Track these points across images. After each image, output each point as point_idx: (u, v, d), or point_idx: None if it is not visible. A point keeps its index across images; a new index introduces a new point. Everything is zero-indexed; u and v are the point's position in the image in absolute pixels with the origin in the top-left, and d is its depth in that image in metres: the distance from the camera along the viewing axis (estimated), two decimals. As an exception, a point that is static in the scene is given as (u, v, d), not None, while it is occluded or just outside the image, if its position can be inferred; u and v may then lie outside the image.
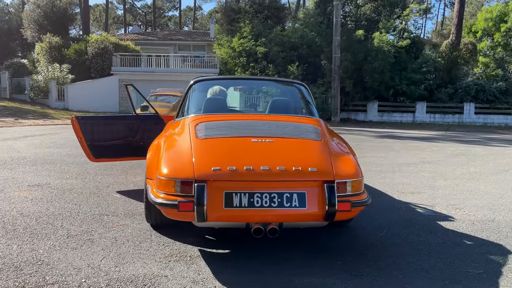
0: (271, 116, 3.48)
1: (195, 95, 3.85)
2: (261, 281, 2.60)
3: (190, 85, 3.94)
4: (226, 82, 4.37)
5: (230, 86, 4.35)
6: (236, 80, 4.54)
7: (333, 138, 3.42)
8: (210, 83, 4.19)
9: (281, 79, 4.40)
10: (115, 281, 2.54)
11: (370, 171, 6.65)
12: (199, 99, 3.81)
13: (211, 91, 4.20)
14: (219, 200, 2.70)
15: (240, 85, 4.37)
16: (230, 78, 4.46)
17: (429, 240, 3.44)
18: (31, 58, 25.87)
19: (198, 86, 3.96)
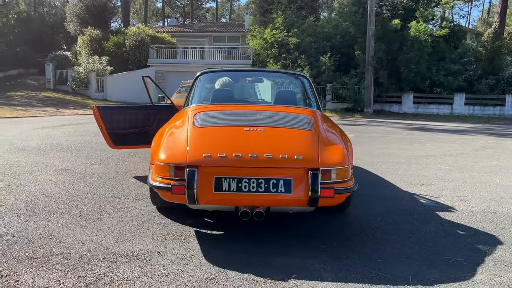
0: (267, 106, 3.64)
1: (199, 86, 4.06)
2: (246, 260, 2.79)
3: (196, 77, 4.16)
4: (230, 74, 4.55)
5: (235, 77, 4.52)
6: (240, 72, 4.70)
7: (327, 128, 3.54)
8: (215, 75, 4.39)
9: (285, 71, 4.53)
10: (112, 255, 2.81)
11: (387, 162, 6.66)
12: (203, 90, 4.03)
13: (220, 82, 4.41)
14: (210, 184, 2.91)
15: (246, 77, 4.53)
16: (235, 70, 4.63)
17: (421, 229, 3.51)
18: (73, 51, 27.07)
19: (203, 78, 4.17)
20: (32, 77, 28.26)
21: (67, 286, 2.39)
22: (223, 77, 4.44)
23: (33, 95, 21.58)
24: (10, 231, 3.16)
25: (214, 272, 2.60)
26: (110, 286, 2.40)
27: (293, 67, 21.73)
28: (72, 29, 27.80)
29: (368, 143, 9.22)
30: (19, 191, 4.30)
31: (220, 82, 4.39)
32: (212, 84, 4.24)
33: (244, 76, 4.51)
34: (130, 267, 2.64)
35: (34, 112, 15.25)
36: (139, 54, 24.10)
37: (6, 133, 9.15)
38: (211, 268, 2.66)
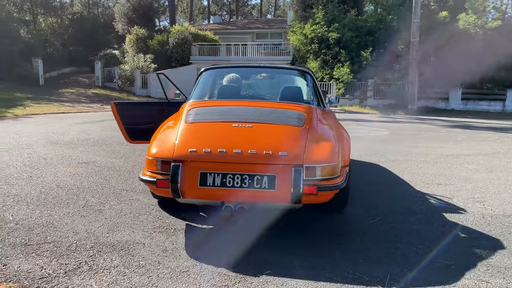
0: (262, 102, 3.63)
1: (201, 82, 4.12)
2: (225, 254, 2.82)
3: (200, 73, 4.22)
4: (234, 70, 4.57)
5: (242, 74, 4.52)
6: (243, 68, 4.70)
7: (321, 125, 3.47)
8: (218, 71, 4.42)
9: (289, 67, 4.46)
10: (99, 244, 2.94)
11: (410, 161, 6.43)
12: (204, 86, 4.08)
13: (226, 78, 4.44)
14: (195, 179, 2.96)
15: (250, 73, 4.52)
16: (238, 66, 4.64)
17: (420, 230, 3.37)
18: (121, 49, 28.21)
19: (206, 74, 4.22)
20: (83, 75, 29.76)
21: (47, 272, 2.52)
22: (231, 74, 4.47)
23: (82, 92, 22.73)
24: (15, 219, 3.38)
25: (189, 265, 2.65)
26: (87, 273, 2.51)
27: (333, 62, 21.41)
28: (120, 28, 28.96)
29: (399, 141, 8.92)
30: (38, 182, 4.58)
31: (227, 78, 4.43)
32: (215, 80, 4.29)
33: (248, 73, 4.51)
34: (111, 256, 2.75)
35: (80, 108, 16.08)
36: (182, 51, 24.69)
37: (48, 128, 9.73)
38: (188, 261, 2.71)
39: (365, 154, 6.90)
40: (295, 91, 3.87)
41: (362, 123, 13.25)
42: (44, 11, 32.60)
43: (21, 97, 18.43)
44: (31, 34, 27.45)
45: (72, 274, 2.50)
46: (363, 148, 7.63)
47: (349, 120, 14.12)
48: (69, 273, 2.51)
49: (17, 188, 4.31)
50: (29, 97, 18.52)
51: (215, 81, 4.31)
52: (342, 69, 20.80)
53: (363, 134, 9.90)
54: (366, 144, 8.20)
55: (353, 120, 14.44)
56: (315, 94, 4.09)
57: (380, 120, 14.62)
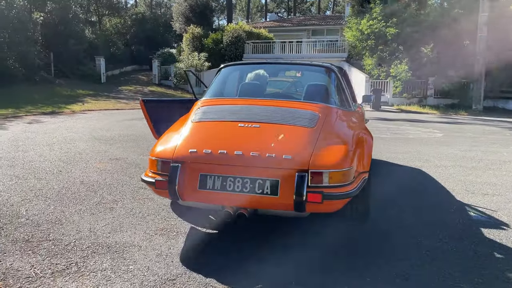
0: (275, 101, 3.38)
1: (218, 79, 3.95)
2: (219, 263, 2.64)
3: (218, 69, 4.07)
4: (253, 67, 4.34)
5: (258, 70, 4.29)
6: (264, 65, 4.45)
7: (337, 126, 3.16)
8: (237, 68, 4.22)
9: (312, 63, 4.14)
10: (96, 245, 2.87)
11: (459, 166, 5.85)
12: (219, 83, 3.91)
13: (251, 75, 4.24)
14: (195, 181, 2.80)
15: (271, 70, 4.26)
16: (259, 63, 4.40)
17: (445, 246, 2.97)
18: (178, 48, 28.94)
19: (223, 71, 4.05)
20: (143, 73, 30.89)
21: (35, 271, 2.48)
22: (258, 70, 4.24)
23: (140, 89, 23.58)
24: (28, 214, 3.43)
25: (178, 273, 2.50)
26: (73, 276, 2.44)
27: (391, 59, 20.44)
28: (178, 27, 29.70)
29: (452, 144, 8.22)
30: (64, 177, 4.67)
31: (250, 75, 4.22)
32: (234, 77, 4.10)
33: (269, 69, 4.27)
34: (103, 258, 2.66)
35: (133, 105, 16.62)
36: (235, 49, 24.81)
37: (97, 124, 10.10)
38: (178, 269, 2.55)
39: (408, 158, 6.40)
40: (313, 89, 3.58)
41: (416, 123, 12.46)
42: (109, 12, 34.25)
43: (82, 94, 19.47)
44: (95, 34, 28.96)
45: (58, 276, 2.43)
46: (409, 151, 7.10)
47: (403, 120, 13.36)
48: (56, 274, 2.45)
49: (43, 182, 4.41)
50: (89, 94, 19.50)
51: (234, 78, 4.12)
52: (399, 66, 19.78)
53: (413, 136, 9.26)
54: (413, 147, 7.63)
55: (407, 120, 13.63)
56: (339, 93, 3.77)
57: (437, 121, 13.68)
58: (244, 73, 4.20)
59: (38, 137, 7.58)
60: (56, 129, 8.90)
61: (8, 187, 4.19)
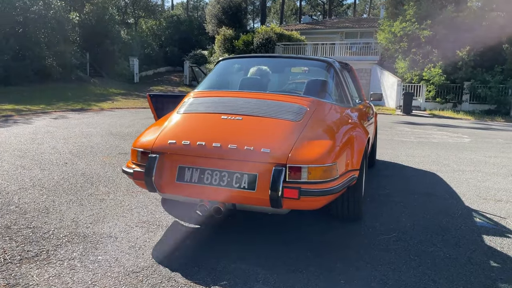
0: (263, 94, 3.26)
1: (213, 72, 3.88)
2: (189, 258, 2.55)
3: (216, 62, 4.00)
4: (251, 61, 4.23)
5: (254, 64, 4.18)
6: (261, 59, 4.33)
7: (326, 121, 3.01)
8: (234, 61, 4.13)
9: (311, 57, 4.01)
10: (73, 234, 2.85)
11: (477, 172, 5.52)
12: (214, 76, 3.84)
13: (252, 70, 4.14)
14: (173, 173, 2.73)
15: (269, 64, 4.13)
16: (256, 56, 4.27)
17: (439, 253, 2.75)
18: (210, 50, 29.23)
19: (220, 64, 3.98)
20: (176, 74, 31.43)
21: (5, 257, 2.48)
22: (259, 65, 4.14)
23: (170, 90, 23.95)
24: (19, 202, 3.47)
25: (145, 266, 2.43)
26: (39, 263, 2.41)
27: (424, 62, 19.78)
28: (210, 29, 30.00)
29: (478, 149, 7.79)
30: (68, 168, 4.73)
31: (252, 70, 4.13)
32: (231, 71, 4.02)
33: (266, 63, 4.15)
34: (75, 248, 2.63)
35: (161, 104, 16.86)
36: (265, 51, 24.73)
37: (118, 121, 10.28)
38: (146, 262, 2.48)
39: (425, 162, 6.10)
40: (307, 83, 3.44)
41: (446, 128, 11.94)
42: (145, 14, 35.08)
43: (114, 93, 19.97)
44: (130, 35, 29.69)
45: (25, 262, 2.42)
46: (428, 155, 6.78)
47: (432, 125, 12.85)
48: (23, 261, 2.44)
49: (45, 173, 4.48)
50: (121, 93, 19.98)
51: (231, 71, 4.03)
52: (433, 69, 19.10)
53: (438, 140, 8.85)
54: (434, 151, 7.28)
55: (437, 125, 13.10)
56: (337, 88, 3.60)
57: (469, 126, 13.07)
58: (242, 67, 4.11)
59: (58, 131, 7.78)
60: (77, 124, 9.12)
61: (10, 176, 4.28)
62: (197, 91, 3.54)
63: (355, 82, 4.68)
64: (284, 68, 4.20)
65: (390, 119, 14.95)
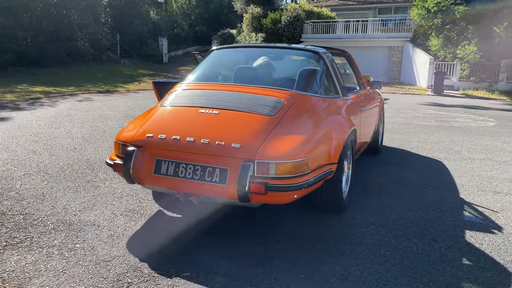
0: (244, 87, 3.27)
1: (204, 63, 3.91)
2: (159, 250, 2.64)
3: (208, 52, 4.03)
4: (241, 51, 4.21)
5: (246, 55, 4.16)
6: (249, 49, 4.26)
7: (302, 115, 2.98)
8: (227, 51, 4.11)
9: (301, 47, 3.93)
10: (60, 222, 3.02)
11: (488, 160, 5.33)
12: (203, 67, 3.86)
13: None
14: (151, 165, 2.83)
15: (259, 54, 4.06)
16: (245, 46, 4.21)
17: (409, 247, 2.73)
18: (238, 29, 29.07)
19: (211, 55, 4.00)
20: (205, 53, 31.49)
21: (-8, 243, 2.68)
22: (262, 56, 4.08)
23: (198, 70, 24.11)
24: (19, 188, 3.69)
25: (117, 255, 2.55)
26: (20, 250, 2.58)
27: (458, 39, 18.90)
28: (239, 7, 29.76)
29: (500, 134, 7.47)
30: (76, 154, 4.94)
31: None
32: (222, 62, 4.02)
33: (255, 54, 4.10)
34: (58, 235, 2.80)
35: (186, 85, 17.06)
36: (293, 30, 24.37)
37: (139, 103, 10.54)
38: (119, 251, 2.61)
39: (435, 149, 5.94)
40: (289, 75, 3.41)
41: (474, 110, 11.48)
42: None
43: (142, 73, 20.36)
44: (159, 15, 29.91)
45: (8, 249, 2.60)
46: (442, 141, 6.59)
47: (460, 107, 12.37)
48: (8, 247, 2.62)
49: (53, 158, 4.71)
50: (149, 74, 20.34)
51: (222, 62, 4.04)
52: (467, 47, 18.23)
53: (459, 124, 8.55)
54: (449, 136, 7.06)
55: (466, 106, 12.61)
56: (324, 79, 3.55)
57: (501, 108, 12.49)
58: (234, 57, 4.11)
59: (78, 115, 8.08)
60: (99, 107, 9.42)
61: (19, 162, 4.53)
62: (183, 83, 3.60)
63: (354, 70, 4.58)
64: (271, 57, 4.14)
65: (418, 100, 14.51)
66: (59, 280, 2.27)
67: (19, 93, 11.41)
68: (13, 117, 7.64)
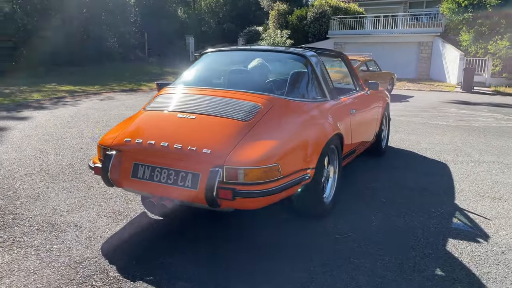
0: (225, 92, 3.27)
1: (194, 66, 3.93)
2: (133, 250, 2.72)
3: (200, 54, 4.05)
4: (232, 54, 4.19)
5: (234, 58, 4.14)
6: (240, 51, 4.21)
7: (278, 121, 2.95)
8: (218, 54, 4.12)
9: (287, 50, 3.85)
10: (45, 222, 3.13)
11: (499, 163, 5.12)
12: (192, 71, 3.89)
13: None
14: (129, 169, 2.90)
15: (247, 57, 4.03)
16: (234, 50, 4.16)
17: (382, 256, 2.66)
18: (264, 26, 29.01)
19: (201, 58, 4.02)
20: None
21: (-23, 242, 2.81)
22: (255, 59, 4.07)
23: (223, 67, 24.28)
24: (18, 188, 3.85)
25: (89, 257, 2.63)
26: (3, 249, 2.70)
27: (490, 34, 18.14)
28: (266, 5, 29.68)
29: (520, 134, 7.14)
30: (80, 154, 5.11)
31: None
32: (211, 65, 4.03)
33: (245, 56, 4.08)
34: (40, 236, 2.90)
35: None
36: (319, 26, 24.10)
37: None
38: (92, 253, 2.68)
39: (444, 150, 5.75)
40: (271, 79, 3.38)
41: (500, 109, 11.00)
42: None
43: (168, 72, 20.70)
44: (187, 13, 30.28)
45: (-9, 248, 2.73)
46: (454, 142, 6.36)
47: (486, 105, 11.89)
48: (-10, 246, 2.76)
49: (58, 158, 4.88)
50: (174, 72, 20.62)
51: (211, 66, 4.05)
52: (500, 42, 17.47)
53: (479, 124, 8.23)
54: (464, 137, 6.81)
55: (493, 104, 12.10)
56: (309, 82, 3.50)
57: (531, 106, 11.93)
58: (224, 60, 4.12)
59: (95, 114, 8.33)
60: (118, 106, 9.67)
61: (25, 161, 4.73)
62: (169, 87, 3.64)
63: (351, 71, 4.49)
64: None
65: (444, 97, 14.05)
66: (27, 280, 2.36)
67: (46, 92, 11.86)
68: (34, 116, 7.96)
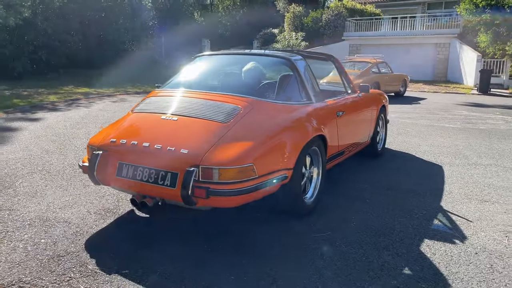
0: (208, 94, 3.38)
1: (184, 69, 4.06)
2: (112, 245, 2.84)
3: (191, 58, 4.19)
4: (222, 58, 4.29)
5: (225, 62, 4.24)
6: (230, 55, 4.29)
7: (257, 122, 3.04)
8: (208, 58, 4.23)
9: (274, 54, 3.91)
10: (37, 218, 3.30)
11: (494, 166, 5.08)
12: (182, 74, 4.01)
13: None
14: (114, 168, 3.04)
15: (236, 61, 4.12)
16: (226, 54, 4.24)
17: (352, 255, 2.72)
18: (280, 28, 29.10)
19: (191, 62, 4.14)
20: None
21: (-28, 235, 2.99)
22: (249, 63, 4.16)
23: (238, 70, 24.45)
24: (18, 186, 4.04)
25: (72, 251, 2.76)
26: (-6, 243, 2.88)
27: (509, 35, 17.76)
28: (282, 7, 29.79)
29: (527, 137, 7.03)
30: (83, 155, 5.29)
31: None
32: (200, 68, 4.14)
33: (234, 60, 4.17)
34: (29, 231, 3.06)
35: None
36: (335, 28, 24.04)
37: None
38: (76, 247, 2.82)
39: (442, 153, 5.73)
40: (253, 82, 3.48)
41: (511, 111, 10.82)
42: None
43: (183, 74, 20.95)
44: (203, 16, 30.61)
45: (-17, 241, 2.90)
46: (455, 145, 6.32)
47: (499, 107, 11.68)
48: (-17, 239, 2.93)
49: (61, 158, 5.09)
50: (189, 74, 20.91)
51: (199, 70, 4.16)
52: (518, 43, 17.12)
53: (487, 127, 8.11)
54: (467, 140, 6.75)
55: (506, 107, 11.88)
56: (293, 86, 3.57)
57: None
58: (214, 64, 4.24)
59: (105, 116, 8.57)
60: (128, 108, 9.88)
61: (29, 161, 4.94)
62: (157, 90, 3.77)
63: (342, 74, 4.54)
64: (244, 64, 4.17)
65: (458, 99, 13.86)
66: (11, 271, 2.51)
67: (62, 94, 12.23)
68: (46, 117, 8.25)
